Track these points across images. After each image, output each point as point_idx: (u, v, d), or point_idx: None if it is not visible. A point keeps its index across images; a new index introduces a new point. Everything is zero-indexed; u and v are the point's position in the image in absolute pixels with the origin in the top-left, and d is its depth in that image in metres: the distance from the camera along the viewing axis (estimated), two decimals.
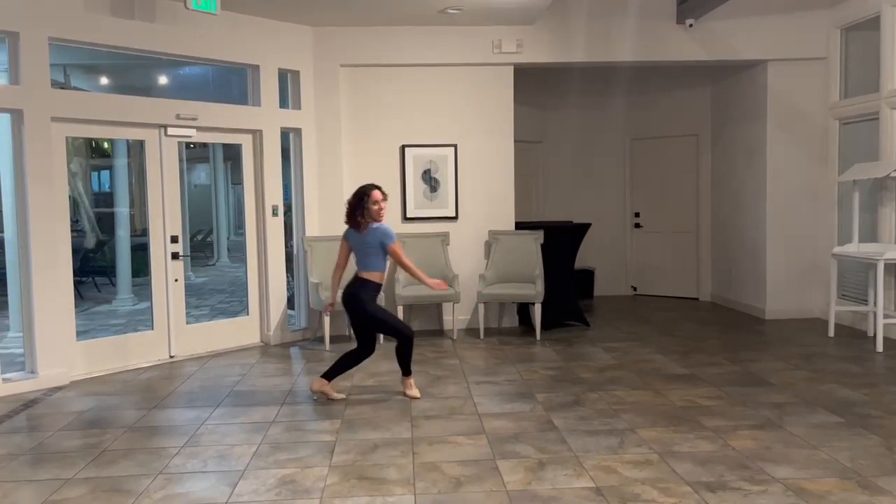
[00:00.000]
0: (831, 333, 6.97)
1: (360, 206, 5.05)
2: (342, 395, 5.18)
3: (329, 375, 5.13)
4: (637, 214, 9.93)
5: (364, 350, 5.14)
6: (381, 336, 6.31)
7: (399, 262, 5.16)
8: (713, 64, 8.11)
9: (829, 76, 7.70)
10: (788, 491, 3.46)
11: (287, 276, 7.32)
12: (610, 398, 5.06)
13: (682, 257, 9.58)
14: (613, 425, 4.47)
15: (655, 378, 5.58)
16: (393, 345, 5.30)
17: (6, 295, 6.61)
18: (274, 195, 7.06)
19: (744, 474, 3.67)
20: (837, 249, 6.99)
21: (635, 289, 9.95)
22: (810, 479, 3.60)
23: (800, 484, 3.54)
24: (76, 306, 6.04)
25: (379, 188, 5.15)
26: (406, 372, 5.25)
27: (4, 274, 6.58)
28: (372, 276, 5.10)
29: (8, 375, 5.54)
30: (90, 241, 11.04)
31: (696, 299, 9.42)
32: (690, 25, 7.47)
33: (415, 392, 5.20)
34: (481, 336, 7.23)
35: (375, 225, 5.07)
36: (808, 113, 7.80)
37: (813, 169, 7.83)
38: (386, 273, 5.31)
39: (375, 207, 5.06)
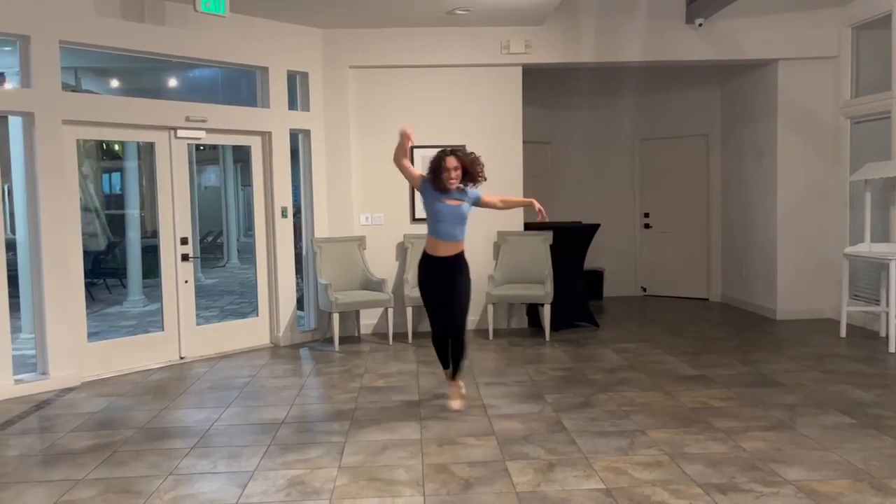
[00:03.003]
0: (843, 334, 6.92)
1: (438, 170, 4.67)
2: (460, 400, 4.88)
3: (455, 373, 4.88)
4: (647, 215, 9.90)
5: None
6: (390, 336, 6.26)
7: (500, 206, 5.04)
8: (723, 63, 8.07)
9: (840, 75, 7.65)
10: (800, 493, 3.44)
11: (296, 278, 7.34)
12: (620, 399, 5.04)
13: (692, 258, 9.53)
14: (623, 427, 4.45)
15: (666, 379, 5.56)
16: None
17: (18, 297, 6.64)
18: (283, 197, 7.08)
19: (755, 476, 3.65)
20: (849, 249, 6.94)
21: (645, 289, 9.92)
22: (822, 480, 3.58)
23: (812, 486, 3.52)
24: (87, 308, 6.07)
25: (453, 153, 4.71)
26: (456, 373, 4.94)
27: (16, 276, 6.61)
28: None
29: (20, 377, 5.58)
30: (101, 243, 11.10)
31: (706, 300, 9.38)
32: (700, 25, 7.44)
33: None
34: (490, 337, 7.22)
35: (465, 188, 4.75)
36: (819, 112, 7.76)
37: (824, 168, 7.78)
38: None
39: (445, 175, 4.65)
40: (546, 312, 7.11)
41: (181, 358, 6.52)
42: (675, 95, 9.43)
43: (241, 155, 13.09)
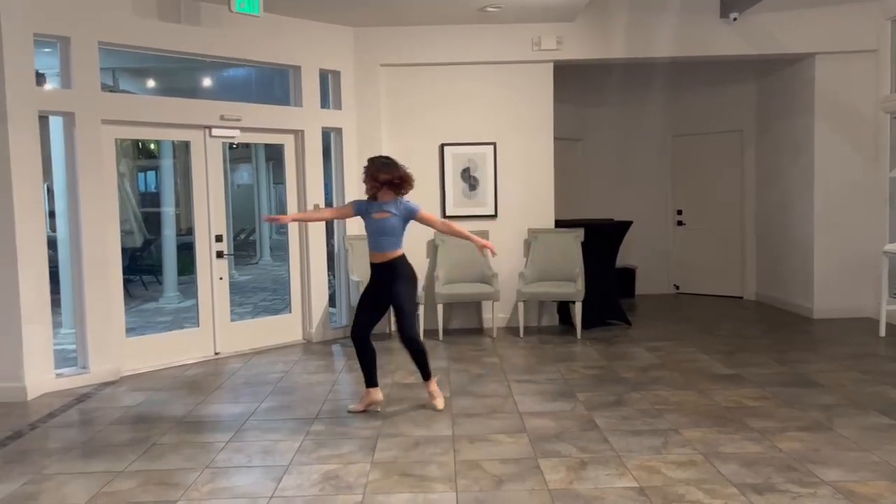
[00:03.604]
0: (882, 333, 6.78)
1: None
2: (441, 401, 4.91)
3: (424, 376, 4.92)
4: (679, 212, 9.80)
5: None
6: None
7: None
8: (758, 58, 7.95)
9: (880, 69, 7.49)
10: (838, 494, 3.39)
11: (328, 275, 7.40)
12: (653, 398, 5.01)
13: (726, 255, 9.41)
14: (656, 425, 4.42)
15: (699, 378, 5.50)
16: (426, 344, 5.08)
17: (59, 293, 6.80)
18: (315, 194, 7.14)
19: (792, 476, 3.60)
20: (888, 247, 6.79)
21: (678, 287, 9.82)
22: (860, 481, 3.52)
23: (849, 487, 3.46)
24: (125, 304, 6.19)
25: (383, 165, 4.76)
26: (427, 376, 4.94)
27: (57, 272, 6.78)
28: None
29: (61, 371, 5.71)
30: (137, 241, 11.31)
31: (741, 298, 9.25)
32: (734, 19, 7.33)
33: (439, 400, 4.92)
34: (521, 335, 7.21)
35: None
36: (858, 107, 7.60)
37: (863, 164, 7.63)
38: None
39: (369, 185, 4.76)
40: (577, 310, 7.08)
41: (216, 353, 6.62)
42: (709, 91, 9.31)
43: (273, 153, 13.23)
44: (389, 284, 4.77)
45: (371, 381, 4.86)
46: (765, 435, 4.20)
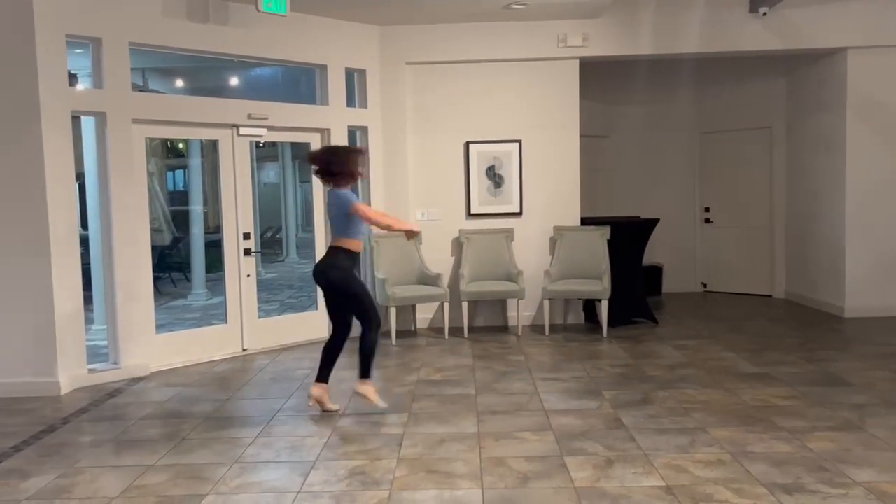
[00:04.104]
0: None
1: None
2: (336, 407, 4.83)
3: (325, 377, 4.82)
4: (707, 209, 9.70)
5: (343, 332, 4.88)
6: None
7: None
8: (788, 53, 7.83)
9: None
10: (870, 494, 3.34)
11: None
12: (680, 396, 4.97)
13: (754, 253, 9.30)
14: (684, 424, 4.39)
15: (727, 377, 5.45)
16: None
17: (90, 289, 6.92)
18: None
19: (822, 476, 3.55)
20: None
21: (705, 285, 9.72)
22: (894, 482, 3.46)
23: (882, 487, 3.41)
24: (154, 301, 6.28)
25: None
26: (366, 374, 4.77)
27: (89, 269, 6.90)
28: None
29: (93, 366, 5.81)
30: (166, 238, 11.47)
31: (770, 296, 9.13)
32: (764, 14, 7.23)
33: (377, 399, 4.75)
34: (546, 332, 7.19)
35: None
36: (890, 102, 7.46)
37: (895, 161, 7.49)
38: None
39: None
40: (603, 308, 7.05)
41: (244, 350, 6.69)
42: (737, 87, 9.20)
43: (300, 152, 13.33)
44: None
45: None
46: (794, 434, 4.15)
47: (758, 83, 9.04)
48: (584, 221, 7.65)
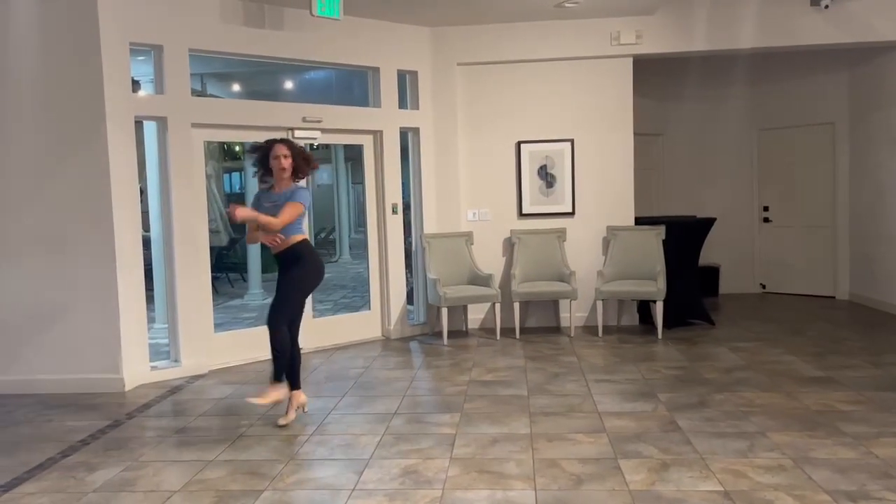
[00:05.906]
0: None
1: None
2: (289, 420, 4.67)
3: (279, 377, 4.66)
4: (766, 208, 9.45)
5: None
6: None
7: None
8: (852, 47, 7.57)
9: None
10: None
11: (406, 272, 7.50)
12: (738, 400, 4.86)
13: (816, 253, 9.02)
14: (742, 428, 4.29)
15: (787, 380, 5.30)
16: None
17: (152, 289, 7.13)
18: (393, 193, 7.25)
19: (889, 484, 3.43)
20: None
21: (764, 286, 9.48)
22: None
23: None
24: (212, 301, 6.43)
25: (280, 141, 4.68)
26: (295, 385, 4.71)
27: (151, 270, 7.11)
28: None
29: (155, 364, 6.00)
30: (224, 240, 11.75)
31: (833, 297, 8.85)
32: (826, 7, 7.01)
33: (264, 400, 4.54)
34: (599, 334, 7.11)
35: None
36: None
37: None
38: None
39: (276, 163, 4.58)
40: (658, 309, 6.93)
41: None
42: (798, 82, 8.94)
43: (352, 153, 13.50)
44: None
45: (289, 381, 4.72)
46: (859, 440, 4.02)
47: (819, 78, 8.77)
48: (639, 221, 7.54)
